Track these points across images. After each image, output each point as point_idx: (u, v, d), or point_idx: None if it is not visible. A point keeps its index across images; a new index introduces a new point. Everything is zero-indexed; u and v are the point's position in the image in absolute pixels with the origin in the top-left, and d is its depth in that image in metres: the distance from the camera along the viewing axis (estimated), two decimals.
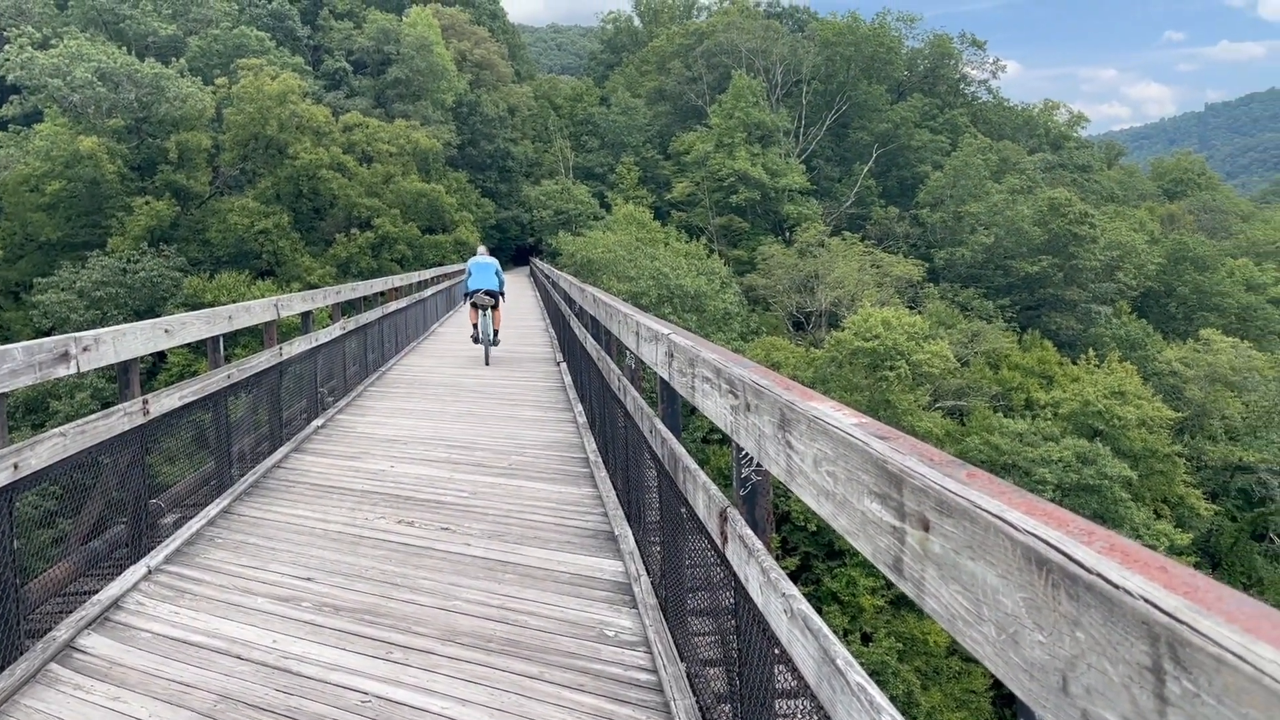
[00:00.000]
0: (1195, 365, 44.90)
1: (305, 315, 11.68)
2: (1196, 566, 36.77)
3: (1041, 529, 1.33)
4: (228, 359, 8.76)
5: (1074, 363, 46.97)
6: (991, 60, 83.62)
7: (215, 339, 8.22)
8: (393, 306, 18.13)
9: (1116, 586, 1.13)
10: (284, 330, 12.89)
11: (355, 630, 5.01)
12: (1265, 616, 1.00)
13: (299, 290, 37.66)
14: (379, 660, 4.63)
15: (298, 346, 10.52)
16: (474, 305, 17.31)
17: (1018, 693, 1.38)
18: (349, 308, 15.76)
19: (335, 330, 12.69)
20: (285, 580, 5.80)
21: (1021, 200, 59.81)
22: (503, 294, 17.59)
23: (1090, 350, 47.31)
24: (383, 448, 9.76)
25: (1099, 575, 1.17)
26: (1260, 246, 67.79)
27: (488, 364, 16.87)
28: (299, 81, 57.12)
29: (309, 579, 5.82)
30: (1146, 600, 1.08)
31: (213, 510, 7.24)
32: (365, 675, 4.47)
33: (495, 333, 17.35)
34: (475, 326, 17.42)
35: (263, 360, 9.13)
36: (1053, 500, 31.33)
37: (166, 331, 7.08)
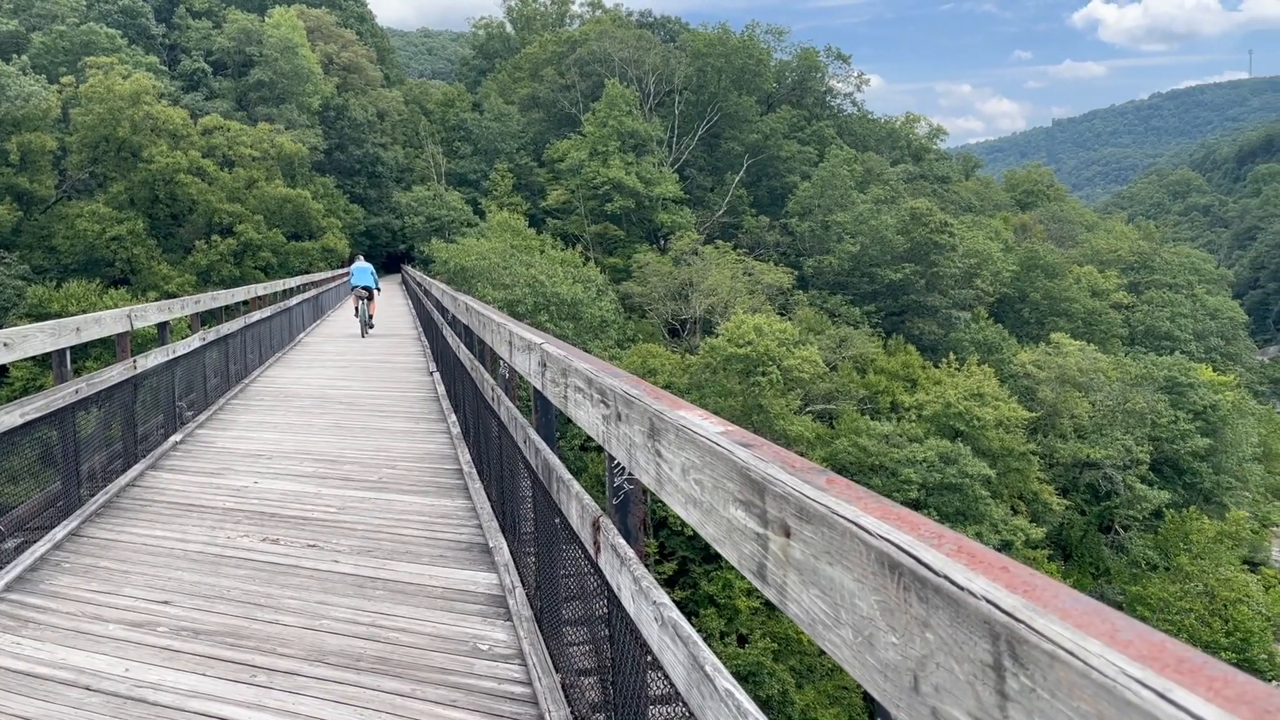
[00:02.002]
0: (1046, 367, 47.29)
1: (162, 326, 11.19)
2: (1049, 559, 38.76)
3: (894, 533, 1.38)
4: (77, 372, 8.30)
5: (936, 366, 48.83)
6: (856, 74, 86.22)
7: (61, 352, 7.79)
8: (256, 316, 17.53)
9: (961, 588, 1.18)
10: (140, 342, 12.31)
11: (216, 654, 4.80)
12: (1096, 613, 1.05)
13: (155, 300, 36.02)
14: (241, 684, 4.46)
15: (154, 359, 10.05)
16: (356, 296, 24.66)
17: (873, 693, 1.42)
18: (209, 317, 15.19)
19: (195, 341, 12.18)
20: (140, 605, 5.53)
21: (885, 210, 61.91)
22: (378, 288, 25.55)
23: (951, 354, 49.28)
24: (246, 463, 9.41)
25: (946, 577, 1.21)
26: (1103, 255, 71.93)
27: (363, 337, 23.66)
28: (153, 82, 54.72)
29: (166, 602, 5.56)
30: (988, 600, 1.12)
31: (59, 533, 6.84)
32: (226, 701, 4.29)
33: (371, 316, 24.45)
34: (357, 311, 24.56)
35: (115, 374, 8.69)
36: (917, 499, 32.42)
37: (5, 345, 6.67)
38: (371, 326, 24.28)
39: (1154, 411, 47.16)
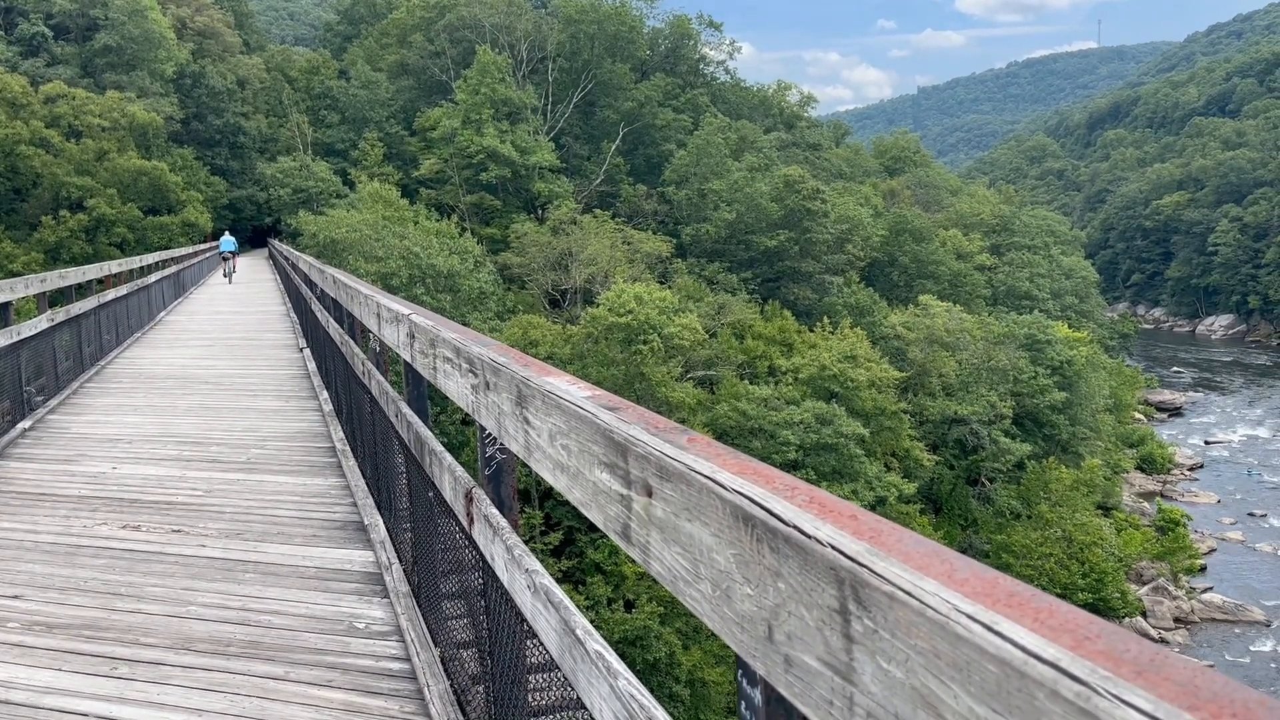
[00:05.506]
0: (916, 328, 48.93)
1: (4, 306, 10.55)
2: (921, 513, 40.33)
3: (748, 487, 1.39)
4: None
5: (811, 330, 49.95)
6: (728, 42, 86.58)
7: None
8: (111, 294, 16.69)
9: (809, 536, 1.19)
10: None
11: (72, 648, 4.58)
12: (935, 555, 1.08)
13: None
14: (101, 678, 4.27)
15: None
16: (222, 259, 37.23)
17: (732, 645, 1.44)
18: (59, 297, 14.40)
19: (42, 322, 11.52)
20: None
21: (759, 178, 62.69)
22: (237, 253, 38.10)
23: (825, 318, 50.46)
24: (103, 448, 8.99)
25: (795, 527, 1.23)
26: (966, 218, 74.66)
27: (229, 284, 34.33)
28: None
29: (15, 597, 5.27)
30: (834, 547, 1.14)
31: None
32: (84, 695, 4.11)
33: (234, 270, 36.23)
34: (224, 271, 36.76)
35: None
36: (795, 460, 33.04)
37: None
38: (234, 271, 36.33)
39: (1015, 368, 49.42)
